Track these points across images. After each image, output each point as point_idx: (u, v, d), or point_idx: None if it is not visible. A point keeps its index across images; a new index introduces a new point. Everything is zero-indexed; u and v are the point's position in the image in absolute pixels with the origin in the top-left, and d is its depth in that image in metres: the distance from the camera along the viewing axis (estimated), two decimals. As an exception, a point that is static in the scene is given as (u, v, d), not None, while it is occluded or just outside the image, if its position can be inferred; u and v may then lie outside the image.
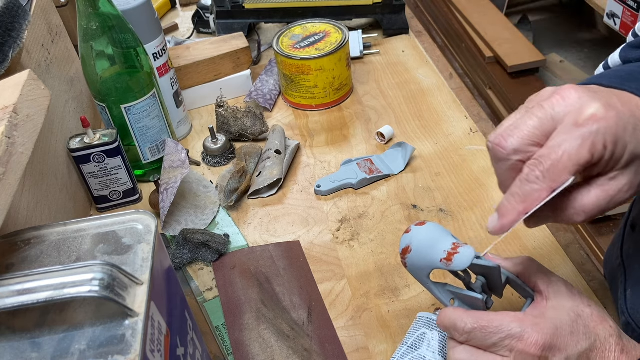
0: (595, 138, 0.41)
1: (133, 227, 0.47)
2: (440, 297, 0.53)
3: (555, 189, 0.43)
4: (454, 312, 0.48)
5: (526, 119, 0.44)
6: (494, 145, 0.45)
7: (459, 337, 0.48)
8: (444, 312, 0.49)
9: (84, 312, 0.41)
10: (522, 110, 0.45)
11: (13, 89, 0.45)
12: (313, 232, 0.78)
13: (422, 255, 0.51)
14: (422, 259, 0.51)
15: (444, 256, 0.49)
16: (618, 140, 0.41)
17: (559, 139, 0.42)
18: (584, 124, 0.41)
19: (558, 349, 0.44)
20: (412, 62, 1.07)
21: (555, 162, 0.42)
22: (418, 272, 0.52)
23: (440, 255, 0.50)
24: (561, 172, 0.42)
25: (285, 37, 0.98)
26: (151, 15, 0.86)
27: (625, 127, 0.42)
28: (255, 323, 0.66)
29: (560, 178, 0.42)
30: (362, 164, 0.85)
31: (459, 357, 0.48)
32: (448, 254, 0.49)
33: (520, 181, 0.44)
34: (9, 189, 0.41)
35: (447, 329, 0.49)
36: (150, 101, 0.83)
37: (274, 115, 0.99)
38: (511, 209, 0.44)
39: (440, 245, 0.50)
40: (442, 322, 0.49)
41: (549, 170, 0.42)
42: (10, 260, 0.45)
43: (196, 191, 0.84)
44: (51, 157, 0.75)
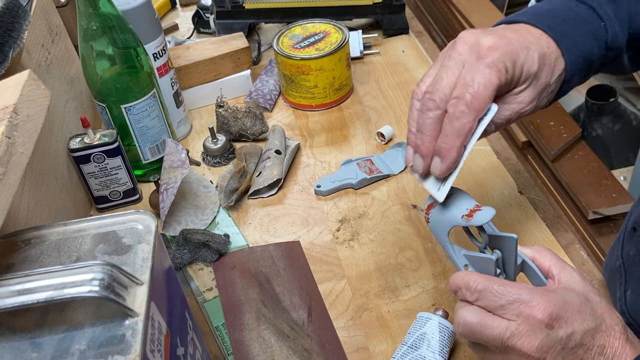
0: (497, 64, 0.49)
1: (133, 227, 0.47)
2: (455, 258, 0.54)
3: (482, 119, 0.49)
4: (467, 273, 0.50)
5: (443, 71, 0.50)
6: (424, 99, 0.51)
7: (469, 296, 0.49)
8: (458, 274, 0.50)
9: (84, 312, 0.41)
10: (437, 65, 0.52)
11: (13, 89, 0.45)
12: (313, 232, 0.78)
13: (445, 211, 0.53)
14: (444, 215, 0.53)
15: (466, 213, 0.52)
16: (515, 62, 0.50)
17: (469, 74, 0.49)
18: (485, 55, 0.49)
19: (565, 321, 0.45)
20: (412, 62, 1.07)
21: (475, 94, 0.48)
22: (439, 228, 0.54)
23: (462, 213, 0.52)
24: (482, 101, 0.48)
25: (285, 37, 0.98)
26: (151, 15, 0.86)
27: (518, 51, 0.50)
28: (255, 323, 0.66)
29: (482, 106, 0.48)
30: (362, 164, 0.85)
31: (466, 315, 0.48)
32: (470, 211, 0.51)
33: (450, 120, 0.49)
34: (9, 189, 0.41)
35: (459, 288, 0.50)
36: (150, 101, 0.83)
37: (274, 115, 0.99)
38: (450, 147, 0.50)
39: (463, 205, 0.52)
40: (454, 282, 0.50)
41: (471, 101, 0.48)
42: (10, 260, 0.45)
43: (196, 191, 0.84)
44: (51, 157, 0.75)
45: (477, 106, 0.48)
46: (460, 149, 0.50)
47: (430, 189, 0.54)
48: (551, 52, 0.52)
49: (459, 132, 0.49)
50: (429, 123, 0.51)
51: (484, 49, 0.49)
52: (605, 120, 1.53)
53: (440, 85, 0.50)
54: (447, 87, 0.50)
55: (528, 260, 0.52)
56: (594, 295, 0.48)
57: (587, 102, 1.54)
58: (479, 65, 0.49)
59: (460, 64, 0.50)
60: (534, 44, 0.51)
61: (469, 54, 0.50)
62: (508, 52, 0.49)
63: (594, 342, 0.46)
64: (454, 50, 0.51)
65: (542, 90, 0.53)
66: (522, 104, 0.52)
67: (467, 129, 0.49)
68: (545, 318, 0.45)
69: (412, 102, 0.53)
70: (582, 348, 0.46)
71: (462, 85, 0.49)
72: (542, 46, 0.52)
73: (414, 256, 0.73)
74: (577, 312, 0.46)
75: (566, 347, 0.45)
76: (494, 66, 0.49)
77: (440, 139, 0.50)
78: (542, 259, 0.52)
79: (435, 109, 0.50)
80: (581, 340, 0.46)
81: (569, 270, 0.50)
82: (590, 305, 0.47)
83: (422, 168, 0.53)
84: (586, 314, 0.46)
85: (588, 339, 0.46)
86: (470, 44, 0.50)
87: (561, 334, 0.45)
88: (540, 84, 0.52)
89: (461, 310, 0.49)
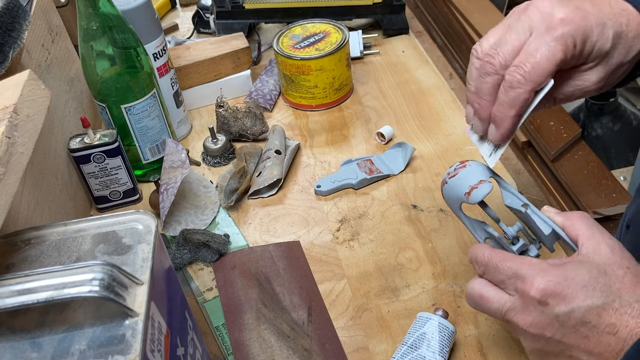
0: (566, 39, 0.46)
1: (133, 227, 0.47)
2: (472, 230, 0.55)
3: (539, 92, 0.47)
4: (479, 247, 0.50)
5: (509, 34, 0.48)
6: (483, 62, 0.49)
7: (477, 269, 0.50)
8: (473, 246, 0.51)
9: (84, 312, 0.41)
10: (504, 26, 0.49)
11: (13, 89, 0.45)
12: (313, 232, 0.78)
13: (453, 188, 0.54)
14: (452, 191, 0.54)
15: (467, 190, 0.52)
16: (587, 39, 0.47)
17: (534, 44, 0.47)
18: (555, 27, 0.46)
19: (562, 298, 0.44)
20: (412, 62, 1.07)
21: (535, 65, 0.46)
22: (450, 203, 0.55)
23: (465, 190, 0.52)
24: (541, 74, 0.46)
25: (285, 37, 0.98)
26: (151, 15, 0.86)
27: (592, 27, 0.47)
28: (255, 323, 0.66)
29: (540, 79, 0.46)
30: (362, 164, 0.85)
31: (472, 285, 0.50)
32: (471, 188, 0.52)
33: (505, 89, 0.48)
34: (9, 189, 0.41)
35: (471, 261, 0.50)
36: (150, 101, 0.83)
37: (274, 115, 0.99)
38: (504, 116, 0.49)
39: (468, 181, 0.53)
40: (469, 254, 0.51)
41: (530, 72, 0.46)
42: (10, 260, 0.45)
43: (196, 191, 0.84)
44: (51, 157, 0.75)
45: (535, 78, 0.46)
46: (515, 119, 0.49)
47: (484, 153, 0.54)
48: (629, 31, 0.48)
49: (513, 102, 0.48)
50: (486, 87, 0.49)
51: (556, 20, 0.47)
52: (605, 120, 1.53)
53: (503, 50, 0.48)
54: (509, 52, 0.48)
55: (557, 229, 0.50)
56: (618, 269, 0.45)
57: (587, 102, 1.54)
58: (547, 36, 0.47)
59: (528, 30, 0.48)
60: (611, 20, 0.48)
61: (540, 21, 0.47)
62: (581, 27, 0.47)
63: (601, 320, 0.43)
64: (524, 14, 0.48)
65: (614, 69, 0.50)
66: (588, 82, 0.50)
67: (522, 100, 0.47)
68: (538, 294, 0.44)
69: (471, 59, 0.51)
70: (585, 326, 0.43)
71: (525, 54, 0.47)
72: (621, 23, 0.48)
73: (414, 256, 0.73)
74: (581, 287, 0.44)
75: (565, 324, 0.44)
76: (562, 40, 0.46)
77: (495, 106, 0.49)
78: (572, 227, 0.49)
79: (493, 73, 0.48)
80: (583, 317, 0.43)
81: (596, 240, 0.47)
82: (605, 280, 0.44)
83: (482, 131, 0.52)
84: (594, 289, 0.43)
85: (592, 316, 0.43)
86: (543, 11, 0.48)
87: (557, 310, 0.44)
88: (612, 64, 0.49)
89: (470, 281, 0.50)
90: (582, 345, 0.44)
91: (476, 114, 0.52)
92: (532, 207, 0.52)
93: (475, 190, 0.51)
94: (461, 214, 0.55)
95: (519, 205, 0.53)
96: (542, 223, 0.51)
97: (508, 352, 0.62)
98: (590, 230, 0.48)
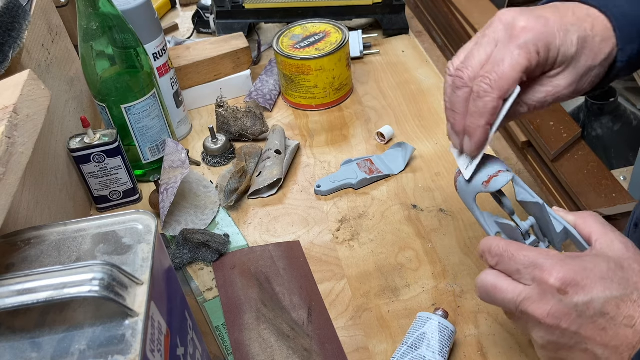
0: (529, 46, 0.48)
1: (133, 227, 0.47)
2: (485, 224, 0.55)
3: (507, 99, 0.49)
4: (492, 238, 0.50)
5: (476, 49, 0.50)
6: (454, 77, 0.51)
7: (490, 260, 0.49)
8: (484, 239, 0.51)
9: (84, 312, 0.41)
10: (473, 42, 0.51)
11: (13, 89, 0.45)
12: (313, 232, 0.78)
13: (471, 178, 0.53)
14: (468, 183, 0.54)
15: (485, 179, 0.52)
16: (550, 45, 0.48)
17: (499, 54, 0.48)
18: (518, 35, 0.48)
19: (582, 288, 0.43)
20: (412, 62, 1.07)
21: (500, 74, 0.48)
22: (465, 195, 0.55)
23: (482, 179, 0.52)
24: (506, 81, 0.48)
25: (285, 37, 0.98)
26: (151, 15, 0.86)
27: (554, 33, 0.48)
28: (255, 323, 0.66)
29: (506, 86, 0.48)
30: (362, 164, 0.85)
31: (485, 277, 0.49)
32: (489, 177, 0.52)
33: (474, 99, 0.49)
34: (9, 189, 0.41)
35: (483, 253, 0.50)
36: (150, 101, 0.83)
37: (274, 115, 0.99)
38: (475, 126, 0.50)
39: (486, 171, 0.53)
40: (480, 246, 0.50)
41: (496, 81, 0.48)
42: (10, 260, 0.45)
43: (196, 191, 0.84)
44: (51, 157, 0.75)
45: (501, 86, 0.48)
46: (486, 129, 0.50)
47: (461, 166, 0.55)
48: (595, 35, 0.50)
49: (482, 111, 0.49)
50: (458, 101, 0.51)
51: (517, 29, 0.49)
52: (605, 120, 1.53)
53: (470, 63, 0.50)
54: (476, 65, 0.50)
55: (569, 227, 0.50)
56: (633, 263, 0.45)
57: (587, 102, 1.54)
58: (511, 45, 0.48)
59: (494, 42, 0.50)
60: (575, 26, 0.50)
61: (504, 32, 0.49)
62: (542, 34, 0.48)
63: (619, 311, 0.42)
64: (489, 28, 0.51)
65: (583, 74, 0.51)
66: (558, 87, 0.51)
67: (490, 108, 0.49)
68: (557, 283, 0.43)
69: (445, 78, 0.53)
70: (604, 317, 0.43)
71: (491, 64, 0.49)
72: (585, 29, 0.50)
73: (414, 256, 0.73)
74: (599, 278, 0.43)
75: (583, 314, 0.43)
76: (525, 47, 0.48)
77: (467, 118, 0.51)
78: (584, 225, 0.49)
79: (463, 86, 0.50)
80: (602, 308, 0.43)
81: (610, 237, 0.47)
82: (622, 273, 0.44)
83: (458, 144, 0.53)
84: (612, 281, 0.43)
85: (611, 307, 0.42)
86: (505, 23, 0.50)
87: (576, 300, 0.43)
88: (580, 67, 0.50)
89: (482, 273, 0.49)
90: (598, 338, 0.43)
91: (452, 128, 0.53)
92: (545, 205, 0.52)
93: (496, 179, 0.51)
94: (475, 206, 0.55)
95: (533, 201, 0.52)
96: (554, 220, 0.51)
97: (508, 352, 0.62)
98: (603, 228, 0.48)
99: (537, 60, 0.48)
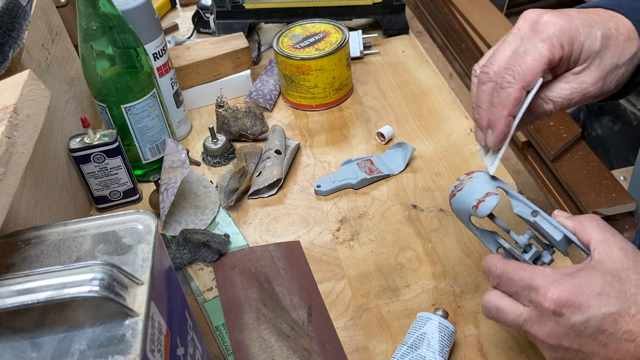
0: (552, 39, 0.49)
1: (133, 227, 0.47)
2: (484, 241, 0.55)
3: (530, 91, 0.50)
4: (492, 257, 0.50)
5: (502, 47, 0.51)
6: (480, 74, 0.52)
7: (492, 280, 0.50)
8: (485, 258, 0.51)
9: (84, 312, 0.41)
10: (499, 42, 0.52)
11: (13, 89, 0.45)
12: (313, 232, 0.78)
13: (461, 202, 0.54)
14: (461, 204, 0.54)
15: (474, 204, 0.52)
16: (573, 39, 0.49)
17: (523, 47, 0.50)
18: (541, 30, 0.49)
19: (577, 307, 0.43)
20: (412, 62, 1.07)
21: (524, 65, 0.49)
22: (460, 216, 0.55)
23: (472, 204, 0.52)
24: (529, 73, 0.49)
25: (285, 37, 0.98)
26: (151, 15, 0.86)
27: (578, 28, 0.49)
28: (255, 323, 0.66)
29: (529, 77, 0.49)
30: (362, 164, 0.85)
31: (488, 297, 0.50)
32: (478, 201, 0.52)
33: (497, 91, 0.50)
34: (9, 189, 0.41)
35: (485, 272, 0.51)
36: (150, 101, 0.83)
37: (274, 115, 0.99)
38: (497, 117, 0.51)
39: (475, 194, 0.53)
40: (483, 266, 0.51)
41: (519, 72, 0.49)
42: (10, 260, 0.45)
43: (196, 191, 0.84)
44: (51, 157, 0.75)
45: (523, 77, 0.49)
46: (508, 120, 0.50)
47: (487, 162, 0.55)
48: (620, 34, 0.51)
49: (505, 102, 0.50)
50: (483, 96, 0.52)
51: (541, 24, 0.50)
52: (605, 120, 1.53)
53: (496, 59, 0.51)
54: (501, 60, 0.50)
55: (569, 234, 0.50)
56: (632, 274, 0.44)
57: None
58: (534, 39, 0.49)
59: (519, 39, 0.51)
60: (599, 23, 0.50)
61: (528, 28, 0.50)
62: (566, 28, 0.49)
63: (618, 327, 0.42)
64: (515, 27, 0.52)
65: (609, 71, 0.51)
66: (584, 83, 0.51)
67: (513, 99, 0.49)
68: (552, 305, 0.44)
69: (472, 79, 0.54)
70: (603, 334, 0.43)
71: (514, 57, 0.50)
72: (609, 27, 0.50)
73: (414, 256, 0.73)
74: (595, 295, 0.43)
75: (582, 333, 0.43)
76: (548, 40, 0.49)
77: (490, 110, 0.51)
78: (583, 232, 0.49)
79: (488, 81, 0.51)
80: (599, 326, 0.43)
81: (609, 244, 0.46)
82: (620, 285, 0.43)
83: (481, 141, 0.54)
84: (608, 296, 0.43)
85: (609, 324, 0.43)
86: (530, 20, 0.51)
87: (573, 320, 0.43)
88: (605, 65, 0.51)
89: (486, 293, 0.50)
90: (601, 353, 0.43)
91: (477, 124, 0.53)
92: (542, 214, 0.51)
93: (483, 204, 0.51)
94: (471, 226, 0.55)
95: (529, 213, 0.52)
96: (553, 229, 0.50)
97: (508, 352, 0.62)
98: (603, 234, 0.47)
99: (560, 54, 0.49)
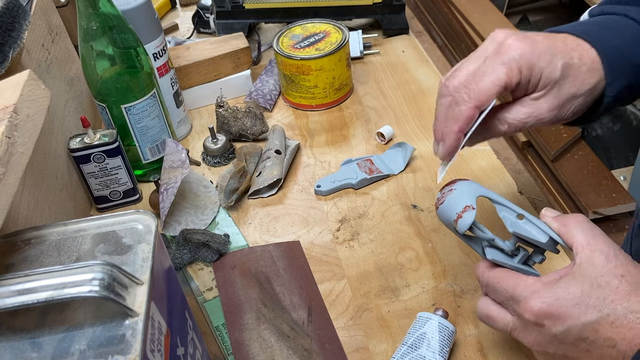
0: (512, 63, 0.49)
1: (133, 227, 0.47)
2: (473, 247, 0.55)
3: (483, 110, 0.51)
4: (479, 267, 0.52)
5: (466, 63, 0.52)
6: (441, 86, 0.53)
7: (482, 289, 0.52)
8: (476, 265, 0.53)
9: (84, 312, 0.41)
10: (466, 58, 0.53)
11: (13, 89, 0.45)
12: (313, 232, 0.78)
13: (444, 215, 0.54)
14: (444, 218, 0.55)
15: (455, 218, 0.52)
16: (533, 65, 0.49)
17: (483, 67, 0.51)
18: (503, 52, 0.50)
19: (556, 318, 0.45)
20: (412, 62, 1.07)
21: (480, 85, 0.50)
22: (445, 225, 0.56)
23: (453, 217, 0.53)
24: (484, 93, 0.50)
25: (285, 37, 0.98)
26: (151, 15, 0.86)
27: (539, 55, 0.50)
28: (255, 323, 0.66)
29: (482, 98, 0.50)
30: (362, 164, 0.85)
31: (479, 304, 0.52)
32: (457, 215, 0.52)
33: (451, 106, 0.51)
34: (9, 189, 0.41)
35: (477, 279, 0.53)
36: (150, 101, 0.83)
37: (274, 115, 0.99)
38: (449, 131, 0.52)
39: (455, 208, 0.53)
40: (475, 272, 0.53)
41: (474, 91, 0.50)
42: (10, 260, 0.45)
43: (196, 191, 0.84)
44: (51, 157, 0.75)
45: (478, 97, 0.50)
46: (458, 135, 0.52)
47: (439, 170, 0.57)
48: (582, 64, 0.51)
49: (457, 118, 0.51)
50: (441, 109, 0.53)
51: (505, 46, 0.50)
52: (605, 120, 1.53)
53: (457, 74, 0.52)
54: (462, 76, 0.51)
55: (555, 236, 0.50)
56: (613, 279, 0.44)
57: (587, 102, 1.53)
58: (496, 60, 0.50)
59: (482, 58, 0.51)
60: (562, 52, 0.50)
61: (492, 49, 0.51)
62: (527, 54, 0.50)
63: (598, 335, 0.43)
64: (483, 44, 0.53)
65: (566, 100, 0.51)
66: (540, 110, 0.51)
67: (465, 116, 0.50)
68: (532, 317, 0.46)
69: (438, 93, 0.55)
70: (585, 341, 0.44)
71: (474, 76, 0.51)
72: (572, 57, 0.51)
73: (414, 256, 0.73)
74: (573, 306, 0.44)
75: (564, 341, 0.45)
76: (507, 64, 0.50)
77: (443, 123, 0.53)
78: (567, 234, 0.48)
79: (447, 95, 0.52)
80: (580, 334, 0.44)
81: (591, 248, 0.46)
82: (599, 293, 0.44)
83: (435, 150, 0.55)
84: (587, 306, 0.44)
85: (589, 332, 0.44)
86: (497, 41, 0.51)
87: (554, 330, 0.45)
88: (562, 94, 0.51)
89: (479, 299, 0.53)
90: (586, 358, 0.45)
91: (434, 134, 0.54)
92: (527, 216, 0.51)
93: (461, 220, 0.52)
94: (459, 235, 0.55)
95: (514, 217, 0.51)
96: (538, 232, 0.50)
97: (508, 352, 0.62)
98: (585, 237, 0.47)
99: (518, 78, 0.50)
